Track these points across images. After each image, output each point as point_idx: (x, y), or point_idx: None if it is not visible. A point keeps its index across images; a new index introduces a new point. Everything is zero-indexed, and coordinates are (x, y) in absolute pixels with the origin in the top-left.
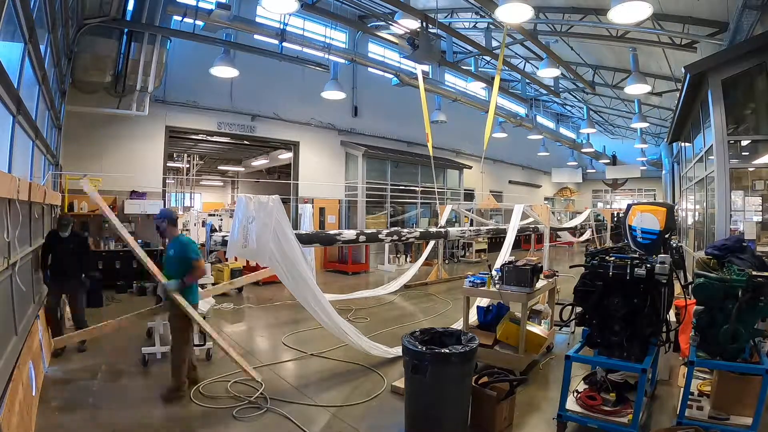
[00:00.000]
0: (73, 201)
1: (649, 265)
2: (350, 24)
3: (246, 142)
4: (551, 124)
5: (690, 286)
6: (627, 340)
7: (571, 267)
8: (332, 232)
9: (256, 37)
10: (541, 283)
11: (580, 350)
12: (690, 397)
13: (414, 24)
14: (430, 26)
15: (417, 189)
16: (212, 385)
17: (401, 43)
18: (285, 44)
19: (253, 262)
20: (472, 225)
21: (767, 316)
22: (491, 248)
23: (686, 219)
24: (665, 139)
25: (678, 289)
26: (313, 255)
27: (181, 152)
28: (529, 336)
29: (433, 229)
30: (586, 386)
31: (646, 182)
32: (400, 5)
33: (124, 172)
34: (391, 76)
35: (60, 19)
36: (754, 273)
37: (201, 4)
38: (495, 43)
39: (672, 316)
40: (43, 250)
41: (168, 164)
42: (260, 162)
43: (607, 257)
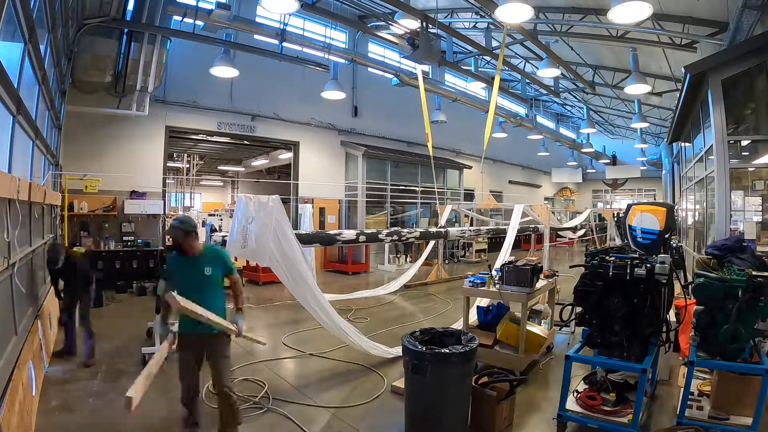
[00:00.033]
0: (73, 201)
1: (649, 265)
2: (350, 24)
3: (246, 142)
4: (551, 124)
5: (690, 286)
6: (627, 340)
7: (571, 267)
8: (332, 232)
9: (256, 37)
10: (541, 283)
11: (580, 350)
12: (690, 397)
13: (414, 24)
14: (430, 26)
15: (417, 189)
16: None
17: (401, 43)
18: (285, 44)
19: (253, 262)
20: (472, 225)
21: (767, 316)
22: (491, 248)
23: (686, 219)
24: (665, 139)
25: (678, 289)
26: (313, 255)
27: (181, 152)
28: (529, 336)
29: (433, 229)
30: (586, 386)
31: (646, 182)
32: (400, 5)
33: (124, 172)
34: (391, 76)
35: (60, 19)
36: (754, 273)
37: (201, 4)
38: (495, 43)
39: (672, 316)
40: (51, 278)
41: (168, 164)
42: (260, 162)
43: (607, 257)
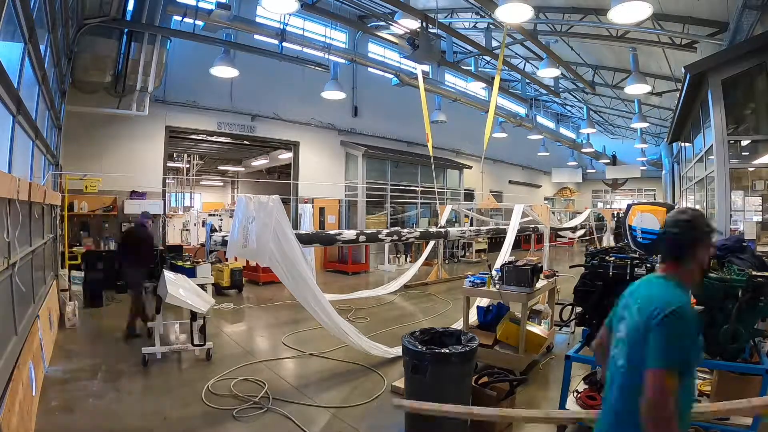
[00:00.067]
0: (73, 201)
1: (649, 265)
2: (350, 24)
3: (246, 142)
4: (551, 124)
5: None
6: None
7: (571, 267)
8: (332, 232)
9: (256, 37)
10: (541, 283)
11: (580, 350)
12: None
13: (414, 24)
14: (430, 26)
15: (417, 189)
16: (214, 385)
17: (401, 43)
18: (285, 44)
19: (253, 262)
20: (472, 225)
21: (767, 316)
22: (491, 248)
23: None
24: (665, 139)
25: None
26: (313, 255)
27: (181, 152)
28: (529, 336)
29: (433, 229)
30: (586, 386)
31: (646, 182)
32: (400, 5)
33: (124, 172)
34: (391, 76)
35: (60, 19)
36: (754, 273)
37: (201, 4)
38: (495, 43)
39: None
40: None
41: (168, 164)
42: (260, 162)
43: (607, 257)
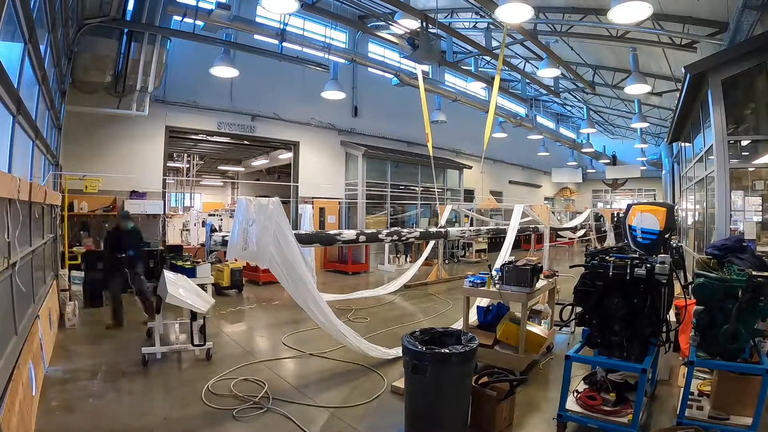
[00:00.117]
0: (73, 201)
1: (649, 265)
2: (350, 24)
3: (246, 142)
4: (551, 124)
5: (690, 286)
6: (627, 340)
7: (571, 267)
8: (332, 232)
9: (256, 37)
10: (541, 283)
11: (580, 350)
12: (690, 397)
13: (414, 24)
14: (430, 26)
15: (417, 189)
16: (214, 385)
17: (401, 43)
18: (285, 44)
19: (253, 263)
20: (472, 225)
21: (767, 316)
22: (491, 248)
23: (686, 219)
24: (665, 139)
25: (678, 289)
26: (313, 255)
27: (181, 152)
28: (529, 336)
29: (433, 229)
30: (586, 386)
31: (646, 182)
32: (400, 5)
33: (124, 172)
34: (391, 76)
35: (60, 19)
36: (754, 273)
37: (201, 4)
38: (495, 43)
39: (672, 316)
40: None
41: (168, 164)
42: (260, 162)
43: (607, 257)
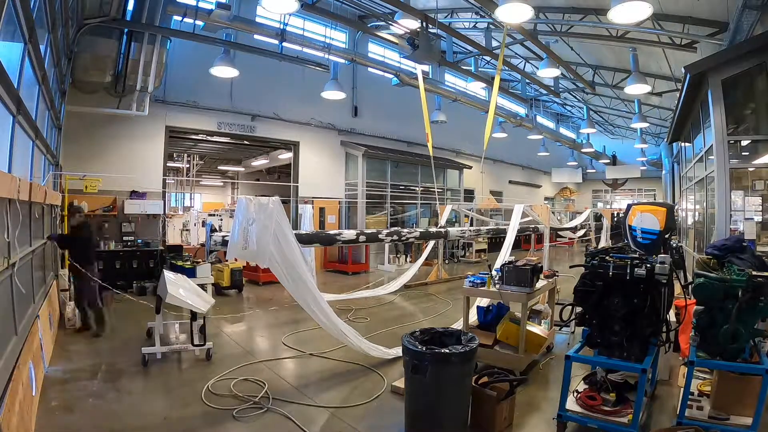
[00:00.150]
0: (73, 201)
1: (649, 265)
2: (350, 24)
3: (246, 142)
4: (551, 124)
5: (690, 286)
6: (627, 340)
7: (571, 267)
8: (332, 232)
9: (256, 37)
10: (541, 283)
11: (580, 350)
12: (690, 397)
13: (414, 24)
14: (430, 26)
15: (417, 189)
16: (214, 385)
17: (401, 43)
18: (285, 44)
19: (253, 262)
20: (472, 225)
21: (767, 316)
22: (491, 248)
23: (686, 219)
24: (665, 139)
25: (678, 289)
26: (313, 255)
27: (181, 152)
28: (529, 336)
29: (433, 229)
30: (586, 386)
31: (646, 182)
32: (400, 5)
33: (124, 172)
34: (391, 76)
35: (60, 19)
36: (754, 273)
37: (201, 4)
38: (495, 43)
39: (672, 316)
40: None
41: (168, 164)
42: (260, 162)
43: (607, 257)
